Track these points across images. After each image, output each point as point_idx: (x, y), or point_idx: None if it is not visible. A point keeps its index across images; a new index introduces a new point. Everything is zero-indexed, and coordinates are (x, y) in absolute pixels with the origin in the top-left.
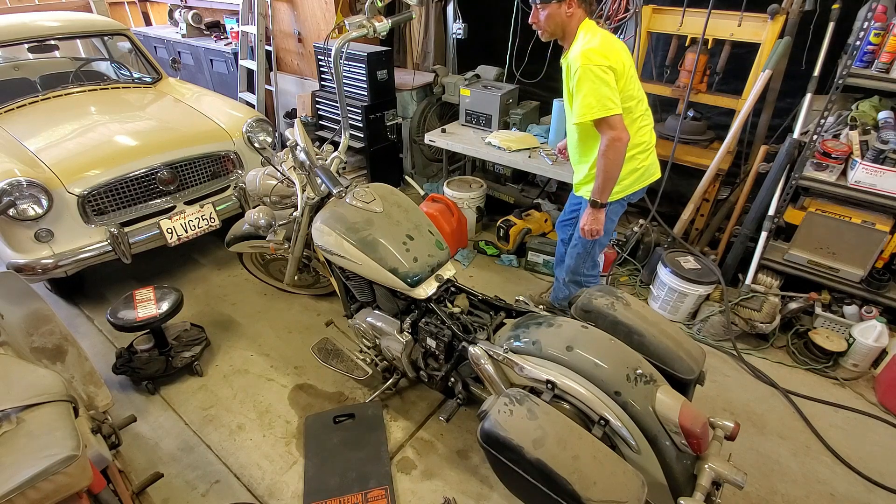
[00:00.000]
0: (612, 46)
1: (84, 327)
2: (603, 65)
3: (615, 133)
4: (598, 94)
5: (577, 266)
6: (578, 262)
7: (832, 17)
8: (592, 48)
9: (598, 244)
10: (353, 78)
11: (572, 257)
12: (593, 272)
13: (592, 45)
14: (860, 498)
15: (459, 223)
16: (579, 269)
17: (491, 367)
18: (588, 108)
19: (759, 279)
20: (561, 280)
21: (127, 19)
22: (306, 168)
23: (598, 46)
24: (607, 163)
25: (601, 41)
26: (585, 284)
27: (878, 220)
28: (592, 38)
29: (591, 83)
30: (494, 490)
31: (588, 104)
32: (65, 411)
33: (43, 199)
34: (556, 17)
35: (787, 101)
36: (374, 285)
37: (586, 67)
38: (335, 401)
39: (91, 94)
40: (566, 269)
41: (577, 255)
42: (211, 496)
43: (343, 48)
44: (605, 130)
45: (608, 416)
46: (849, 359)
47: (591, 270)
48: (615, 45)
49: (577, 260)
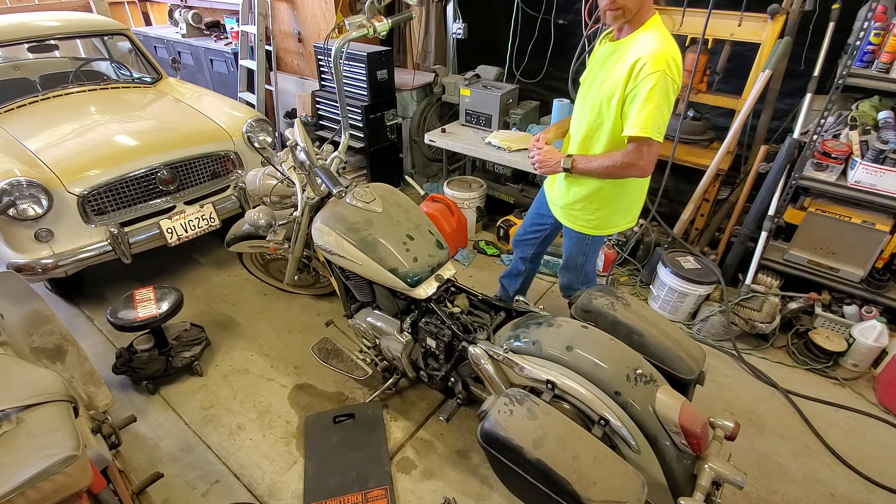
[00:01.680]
0: (679, 65)
1: (84, 327)
2: (677, 81)
3: (645, 162)
4: (661, 113)
5: (572, 283)
6: (572, 280)
7: (832, 17)
8: (675, 57)
9: (586, 265)
10: (353, 78)
11: (564, 275)
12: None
13: (674, 54)
14: (860, 498)
15: (459, 223)
16: (575, 286)
17: (491, 367)
18: (649, 121)
19: (759, 279)
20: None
21: (127, 19)
22: (306, 168)
23: (678, 58)
24: (613, 170)
25: (676, 55)
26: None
27: (878, 220)
28: (671, 44)
29: (663, 97)
30: (494, 490)
31: (650, 117)
32: (65, 411)
33: (43, 199)
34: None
35: (787, 101)
36: (374, 285)
37: (664, 76)
38: (335, 401)
39: (91, 94)
40: (561, 286)
41: (570, 273)
42: (211, 496)
43: (343, 48)
44: (640, 151)
45: (608, 416)
46: (849, 359)
47: (583, 284)
48: (679, 63)
49: (570, 278)
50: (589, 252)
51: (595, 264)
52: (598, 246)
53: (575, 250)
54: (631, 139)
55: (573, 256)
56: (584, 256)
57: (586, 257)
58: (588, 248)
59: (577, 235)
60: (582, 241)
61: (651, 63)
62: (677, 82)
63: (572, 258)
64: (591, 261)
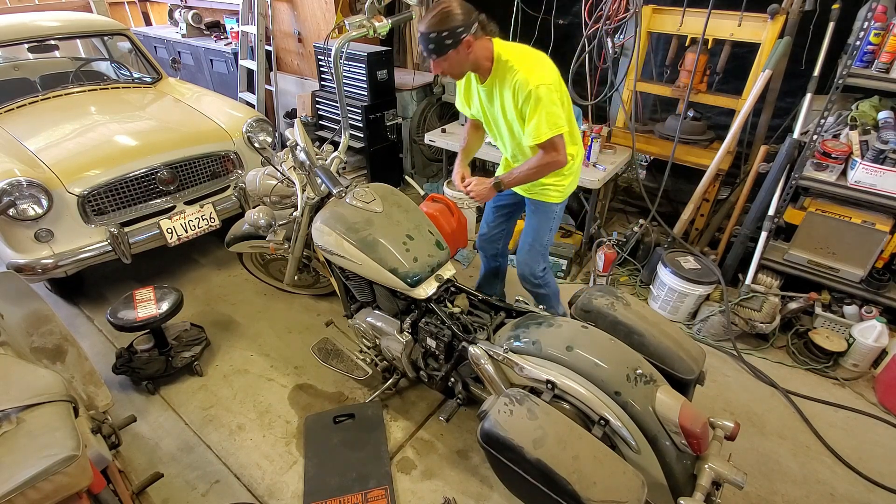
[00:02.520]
0: (546, 64)
1: (84, 327)
2: (550, 81)
3: (560, 156)
4: (551, 114)
5: (533, 268)
6: (534, 265)
7: (832, 17)
8: (534, 66)
9: (549, 244)
10: (353, 78)
11: (528, 260)
12: (545, 272)
13: (532, 64)
14: (860, 498)
15: (459, 223)
16: (535, 270)
17: (491, 367)
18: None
19: (759, 279)
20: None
21: (127, 19)
22: (306, 168)
23: (539, 62)
24: (534, 174)
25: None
26: (545, 283)
27: (878, 220)
28: (526, 57)
29: (547, 103)
30: (494, 490)
31: (541, 124)
32: (65, 411)
33: (43, 199)
34: (461, 60)
35: (787, 100)
36: (374, 285)
37: (538, 87)
38: (335, 401)
39: (91, 94)
40: (528, 274)
41: (530, 258)
42: (211, 496)
43: (343, 48)
44: (548, 150)
45: (608, 416)
46: (849, 359)
47: (543, 271)
48: (546, 62)
49: (532, 262)
50: (554, 225)
51: (552, 243)
52: (561, 214)
53: (542, 225)
54: (537, 146)
55: (540, 234)
56: (549, 232)
57: (551, 232)
58: (554, 221)
59: (547, 208)
60: (550, 213)
61: (522, 84)
62: (550, 81)
63: (539, 236)
64: (553, 237)
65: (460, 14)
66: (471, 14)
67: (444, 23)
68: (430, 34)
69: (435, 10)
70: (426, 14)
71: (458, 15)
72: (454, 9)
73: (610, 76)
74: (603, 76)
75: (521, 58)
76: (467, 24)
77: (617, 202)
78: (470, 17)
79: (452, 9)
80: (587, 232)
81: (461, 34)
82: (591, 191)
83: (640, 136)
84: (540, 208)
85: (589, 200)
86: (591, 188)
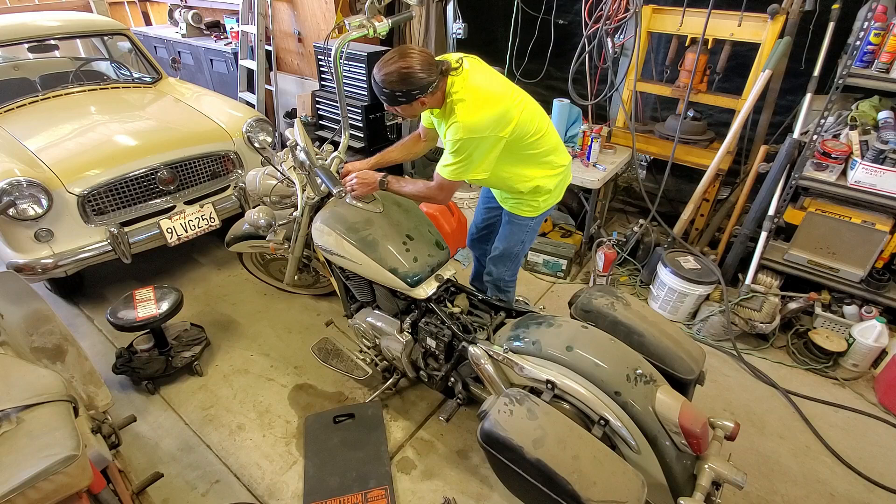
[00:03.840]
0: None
1: (84, 327)
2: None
3: (443, 198)
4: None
5: (500, 273)
6: (501, 270)
7: (832, 17)
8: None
9: (521, 255)
10: (353, 78)
11: (496, 265)
12: (512, 278)
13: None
14: (860, 498)
15: (459, 223)
16: (503, 275)
17: (491, 367)
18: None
19: (759, 279)
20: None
21: (127, 19)
22: (306, 168)
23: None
24: (415, 196)
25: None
26: (505, 289)
27: (878, 220)
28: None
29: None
30: (494, 490)
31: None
32: (65, 411)
33: (43, 199)
34: (413, 111)
35: (787, 98)
36: (374, 285)
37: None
38: (335, 401)
39: (91, 94)
40: (492, 278)
41: (500, 265)
42: (211, 496)
43: (343, 48)
44: (437, 185)
45: (608, 416)
46: (849, 359)
47: (511, 277)
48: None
49: (499, 268)
50: (527, 238)
51: (525, 254)
52: (538, 228)
53: (515, 238)
54: (438, 175)
55: (511, 245)
56: (521, 244)
57: (524, 245)
58: (527, 234)
59: (520, 221)
60: (523, 227)
61: (455, 129)
62: (485, 134)
63: (510, 246)
64: (527, 248)
65: (420, 77)
66: (431, 73)
67: (401, 84)
68: (383, 88)
69: (394, 66)
70: (387, 61)
71: (418, 78)
72: (415, 72)
73: (610, 76)
74: (603, 76)
75: (470, 100)
76: (424, 87)
77: (617, 202)
78: (429, 78)
79: (413, 72)
80: (587, 232)
81: (416, 95)
82: (591, 191)
83: (640, 136)
84: (513, 220)
85: (589, 200)
86: (591, 188)
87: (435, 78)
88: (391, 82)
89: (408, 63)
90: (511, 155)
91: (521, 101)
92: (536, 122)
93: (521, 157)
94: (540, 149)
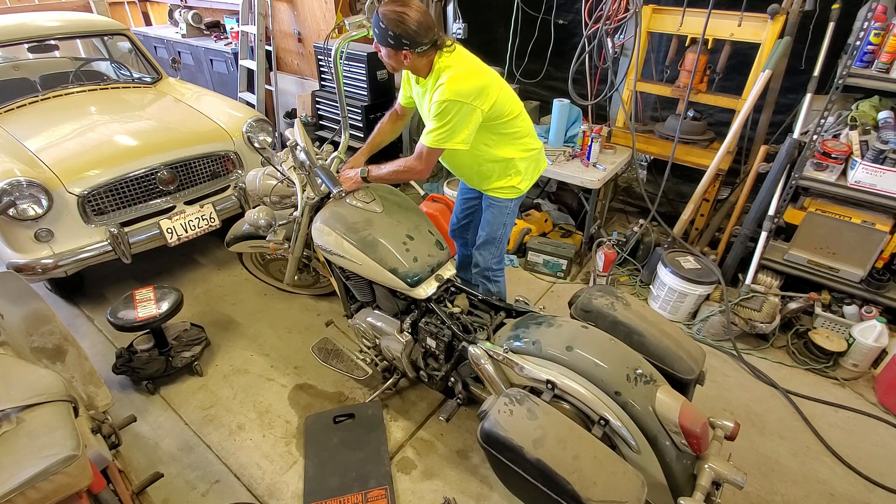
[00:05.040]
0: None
1: (84, 327)
2: (470, 102)
3: (419, 165)
4: (452, 130)
5: (487, 262)
6: (487, 257)
7: (832, 17)
8: (463, 87)
9: (505, 238)
10: (353, 78)
11: (481, 252)
12: (500, 266)
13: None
14: (860, 498)
15: None
16: (489, 263)
17: (491, 367)
18: (431, 133)
19: (759, 279)
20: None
21: (127, 19)
22: (306, 168)
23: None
24: (395, 176)
25: (470, 74)
26: (494, 279)
27: (878, 220)
28: (460, 73)
29: (452, 118)
30: (494, 490)
31: (435, 132)
32: (65, 411)
33: (43, 199)
34: (395, 61)
35: (788, 96)
36: (374, 285)
37: (452, 103)
38: (335, 401)
39: (91, 94)
40: (480, 268)
41: (485, 250)
42: (211, 496)
43: (343, 48)
44: (417, 155)
45: (608, 416)
46: (849, 359)
47: (498, 265)
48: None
49: (485, 255)
50: (508, 220)
51: (508, 237)
52: (516, 210)
53: (497, 221)
54: (420, 145)
55: (495, 228)
56: (503, 227)
57: (506, 227)
58: (508, 216)
59: (500, 204)
60: (504, 209)
61: (441, 92)
62: (470, 99)
63: (493, 230)
64: (510, 230)
65: (413, 29)
66: (425, 35)
67: (394, 26)
68: (379, 21)
69: (396, 7)
70: (393, 0)
71: (411, 30)
72: (409, 21)
73: (610, 76)
74: (603, 76)
75: (458, 70)
76: (413, 41)
77: (617, 202)
78: (421, 37)
79: (408, 20)
80: (587, 232)
81: (403, 45)
82: (591, 191)
83: (640, 136)
84: (493, 203)
85: (589, 200)
86: (591, 188)
87: (426, 42)
88: (388, 20)
89: (407, 12)
90: (487, 132)
91: (500, 84)
92: (511, 105)
93: (498, 135)
94: (514, 128)
